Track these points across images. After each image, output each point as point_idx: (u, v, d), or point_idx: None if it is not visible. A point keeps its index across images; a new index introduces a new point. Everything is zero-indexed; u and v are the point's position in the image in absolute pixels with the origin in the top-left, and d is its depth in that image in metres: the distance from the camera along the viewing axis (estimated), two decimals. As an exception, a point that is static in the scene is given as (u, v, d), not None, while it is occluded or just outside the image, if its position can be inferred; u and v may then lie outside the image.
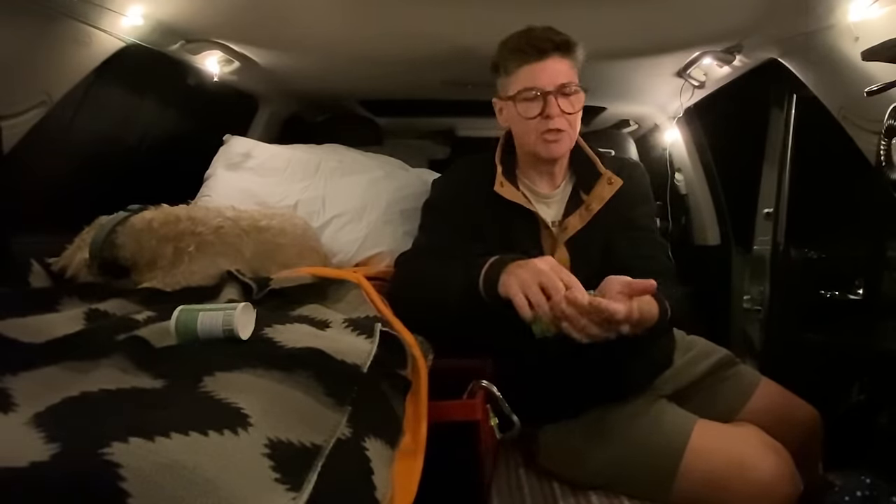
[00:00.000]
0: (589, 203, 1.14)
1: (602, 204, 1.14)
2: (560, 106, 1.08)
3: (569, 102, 1.09)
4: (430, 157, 2.64)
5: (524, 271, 0.91)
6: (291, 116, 2.27)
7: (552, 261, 0.93)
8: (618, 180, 1.15)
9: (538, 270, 0.90)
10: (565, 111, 1.09)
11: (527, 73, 1.09)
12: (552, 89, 1.08)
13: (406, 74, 1.84)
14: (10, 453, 0.49)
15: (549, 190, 1.20)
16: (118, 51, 1.31)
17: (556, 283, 0.87)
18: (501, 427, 1.04)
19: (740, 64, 1.54)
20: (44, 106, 1.21)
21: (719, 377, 1.20)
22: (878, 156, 1.03)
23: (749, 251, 1.92)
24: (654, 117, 2.22)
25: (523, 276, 0.90)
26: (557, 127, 1.09)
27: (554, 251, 1.13)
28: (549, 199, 1.19)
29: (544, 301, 0.87)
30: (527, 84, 1.09)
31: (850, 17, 1.08)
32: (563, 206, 1.18)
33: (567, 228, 1.14)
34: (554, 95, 1.08)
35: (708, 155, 2.11)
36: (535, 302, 0.87)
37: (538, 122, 1.10)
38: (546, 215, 1.16)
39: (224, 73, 1.66)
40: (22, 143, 1.18)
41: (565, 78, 1.09)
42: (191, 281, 1.12)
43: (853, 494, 1.07)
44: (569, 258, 1.13)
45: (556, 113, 1.08)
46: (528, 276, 0.89)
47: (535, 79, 1.08)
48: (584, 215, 1.14)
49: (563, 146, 1.13)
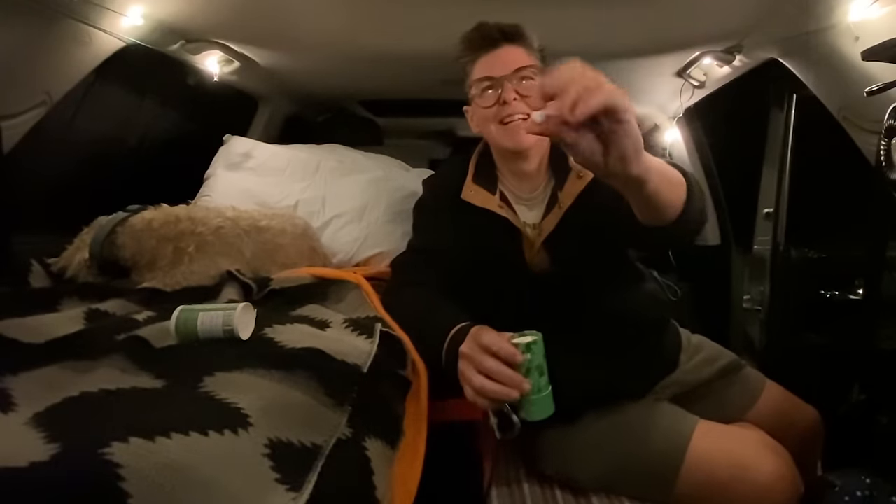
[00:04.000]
0: (561, 200, 1.09)
1: (572, 199, 1.08)
2: (517, 90, 1.05)
3: (526, 87, 1.06)
4: (430, 157, 2.64)
5: (464, 364, 0.86)
6: (291, 116, 2.27)
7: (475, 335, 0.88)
8: (588, 174, 1.08)
9: (468, 358, 0.85)
10: (524, 95, 1.06)
11: (481, 65, 1.08)
12: (507, 73, 1.05)
13: (406, 74, 1.84)
14: (10, 453, 0.49)
15: (529, 192, 1.15)
16: (118, 51, 1.31)
17: (486, 363, 0.82)
18: (501, 427, 1.03)
19: (740, 64, 1.54)
20: (44, 106, 1.21)
21: (726, 381, 1.19)
22: (878, 156, 1.03)
23: (749, 251, 1.92)
24: (654, 117, 2.22)
25: (466, 371, 0.85)
26: (515, 111, 1.06)
27: (533, 253, 1.10)
28: (530, 202, 1.15)
29: (492, 386, 0.81)
30: (482, 74, 1.08)
31: (850, 17, 1.08)
32: (543, 207, 1.13)
33: (542, 231, 1.09)
34: (509, 80, 1.05)
35: (708, 155, 2.11)
36: (489, 391, 0.82)
37: (496, 111, 1.07)
38: (527, 218, 1.12)
39: (224, 73, 1.66)
40: (22, 143, 1.18)
41: (521, 63, 1.06)
42: (191, 281, 1.12)
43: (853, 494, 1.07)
44: (549, 259, 1.09)
45: (513, 97, 1.05)
46: (469, 371, 0.84)
47: (488, 68, 1.07)
48: (557, 213, 1.09)
49: (524, 134, 1.07)
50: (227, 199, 1.49)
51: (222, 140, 1.71)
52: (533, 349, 0.81)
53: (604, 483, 1.06)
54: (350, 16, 1.37)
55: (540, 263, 1.09)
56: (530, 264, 1.09)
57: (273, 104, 2.13)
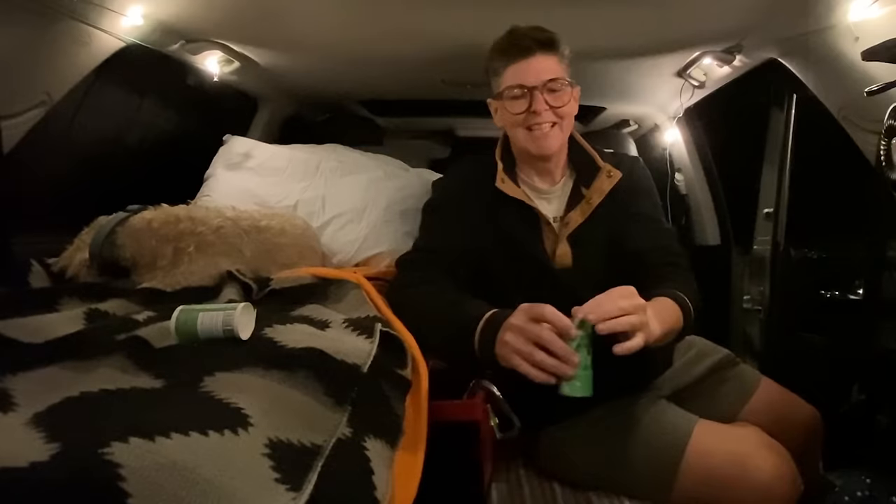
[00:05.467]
0: (589, 197, 1.15)
1: (602, 197, 1.14)
2: (547, 101, 1.10)
3: (556, 97, 1.11)
4: (430, 157, 2.64)
5: (514, 337, 0.88)
6: (291, 116, 2.27)
7: (526, 308, 0.90)
8: (617, 173, 1.16)
9: (520, 329, 0.87)
10: (552, 105, 1.10)
11: (513, 71, 1.11)
12: (537, 85, 1.09)
13: (406, 74, 1.84)
14: (10, 453, 0.49)
15: (548, 186, 1.20)
16: (118, 51, 1.31)
17: (543, 333, 0.85)
18: (501, 427, 1.04)
19: (740, 64, 1.54)
20: (44, 106, 1.21)
21: (720, 377, 1.20)
22: (878, 156, 1.03)
23: (749, 251, 1.92)
24: (654, 117, 2.22)
25: (516, 344, 0.87)
26: (544, 121, 1.11)
27: (556, 247, 1.14)
28: (549, 196, 1.20)
29: (551, 360, 0.84)
30: (513, 82, 1.11)
31: (850, 17, 1.08)
32: (563, 201, 1.18)
33: (569, 223, 1.14)
34: (540, 91, 1.09)
35: (708, 155, 2.11)
36: (549, 365, 0.84)
37: (525, 118, 1.11)
38: (547, 211, 1.16)
39: (224, 73, 1.66)
40: (22, 143, 1.18)
41: (552, 74, 1.10)
42: (191, 281, 1.12)
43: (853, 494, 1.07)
44: (571, 253, 1.13)
45: (542, 108, 1.10)
46: (520, 344, 0.87)
47: (520, 76, 1.10)
48: (584, 209, 1.14)
49: (551, 141, 1.13)
50: (227, 199, 1.49)
51: (222, 140, 1.71)
52: (585, 325, 0.85)
53: (603, 481, 1.06)
54: (350, 16, 1.37)
55: (561, 257, 1.13)
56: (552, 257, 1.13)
57: (273, 104, 2.13)
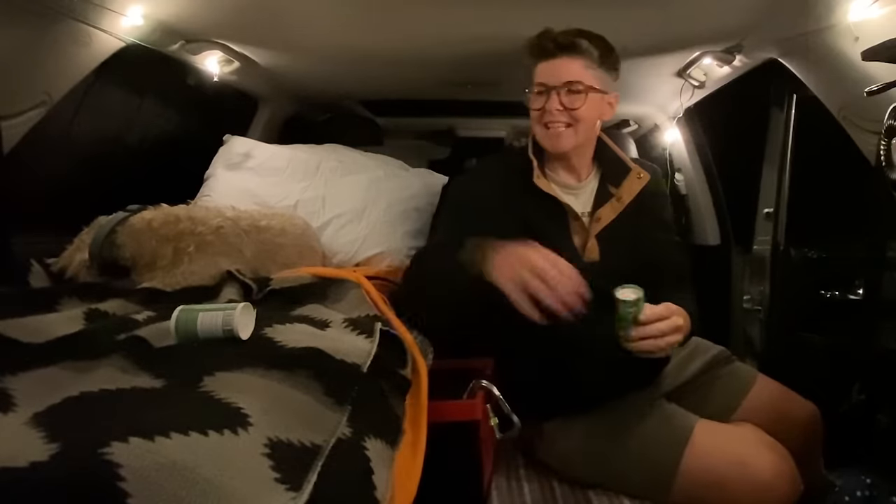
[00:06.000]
0: (620, 195, 1.18)
1: (632, 196, 1.18)
2: (562, 102, 1.13)
3: (572, 99, 1.13)
4: (430, 157, 2.63)
5: (512, 258, 0.89)
6: (291, 116, 2.27)
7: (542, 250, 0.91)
8: (646, 175, 1.20)
9: (526, 258, 0.88)
10: (568, 107, 1.13)
11: (539, 70, 1.16)
12: (556, 85, 1.13)
13: (406, 74, 1.84)
14: (10, 453, 0.49)
15: (574, 181, 1.22)
16: (118, 51, 1.31)
17: (548, 270, 0.86)
18: (501, 427, 1.04)
19: (740, 64, 1.54)
20: (44, 106, 1.21)
21: (715, 374, 1.21)
22: (878, 156, 1.03)
23: (749, 251, 1.92)
24: (654, 117, 2.22)
25: (513, 265, 0.88)
26: (557, 120, 1.13)
27: (585, 243, 1.16)
28: (576, 192, 1.22)
29: (546, 290, 0.85)
30: (537, 80, 1.16)
31: (850, 17, 1.08)
32: (591, 198, 1.21)
33: (600, 219, 1.17)
34: (557, 91, 1.12)
35: (708, 155, 2.11)
36: (533, 290, 0.86)
37: (541, 115, 1.15)
38: (575, 206, 1.18)
39: (224, 73, 1.66)
40: (22, 143, 1.18)
41: (572, 76, 1.13)
42: (191, 281, 1.12)
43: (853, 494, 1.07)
44: (598, 250, 1.15)
45: (556, 108, 1.13)
46: (516, 265, 0.88)
47: (542, 75, 1.15)
48: (615, 206, 1.17)
49: (563, 141, 1.15)
50: (227, 199, 1.49)
51: (222, 140, 1.71)
52: (638, 305, 0.93)
53: (603, 479, 1.06)
54: (350, 16, 1.37)
55: (590, 251, 1.15)
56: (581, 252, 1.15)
57: (273, 104, 2.13)
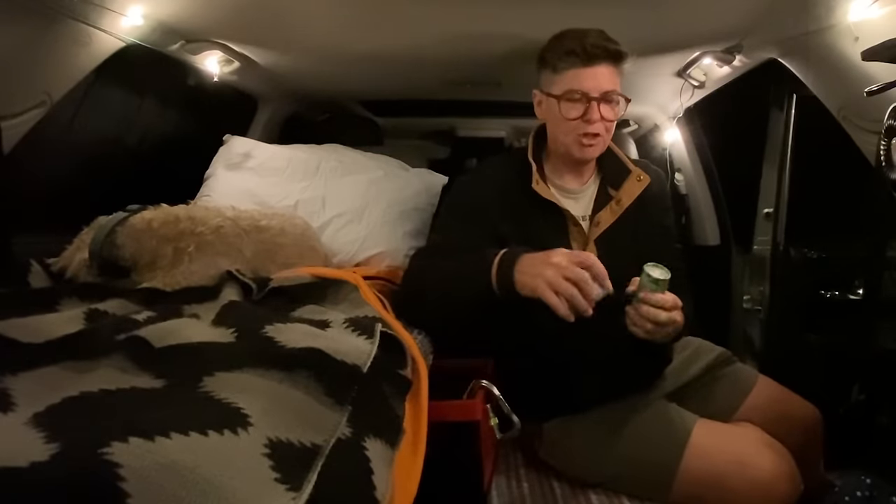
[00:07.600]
0: (619, 198, 1.16)
1: (632, 199, 1.16)
2: (601, 112, 1.10)
3: (610, 109, 1.11)
4: (430, 157, 2.63)
5: (545, 268, 0.90)
6: (291, 116, 2.27)
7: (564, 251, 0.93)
8: (646, 177, 1.18)
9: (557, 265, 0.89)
10: (605, 118, 1.11)
11: (575, 75, 1.10)
12: (597, 95, 1.09)
13: (406, 74, 1.84)
14: (10, 453, 0.49)
15: (576, 185, 1.21)
16: (118, 51, 1.31)
17: (581, 274, 0.88)
18: (501, 427, 1.04)
19: (740, 64, 1.54)
20: (44, 106, 1.21)
21: (716, 375, 1.21)
22: (878, 156, 1.03)
23: (749, 251, 1.92)
24: (654, 117, 2.22)
25: (547, 274, 0.89)
26: (595, 131, 1.11)
27: (584, 247, 1.14)
28: (577, 195, 1.21)
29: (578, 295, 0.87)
30: (573, 86, 1.10)
31: (850, 17, 1.08)
32: (591, 201, 1.19)
33: (599, 223, 1.15)
34: (598, 101, 1.09)
35: (708, 155, 2.11)
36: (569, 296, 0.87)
37: (577, 125, 1.11)
38: (575, 211, 1.17)
39: (224, 73, 1.65)
40: (22, 143, 1.18)
41: (611, 85, 1.11)
42: (191, 281, 1.12)
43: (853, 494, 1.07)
44: (597, 253, 1.13)
45: (597, 118, 1.10)
46: (551, 273, 0.89)
47: (582, 82, 1.10)
48: (614, 210, 1.16)
49: (597, 150, 1.15)
50: (227, 199, 1.49)
51: (222, 140, 1.71)
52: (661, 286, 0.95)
53: (603, 479, 1.06)
54: (350, 16, 1.37)
55: None
56: None
57: (273, 104, 2.13)
